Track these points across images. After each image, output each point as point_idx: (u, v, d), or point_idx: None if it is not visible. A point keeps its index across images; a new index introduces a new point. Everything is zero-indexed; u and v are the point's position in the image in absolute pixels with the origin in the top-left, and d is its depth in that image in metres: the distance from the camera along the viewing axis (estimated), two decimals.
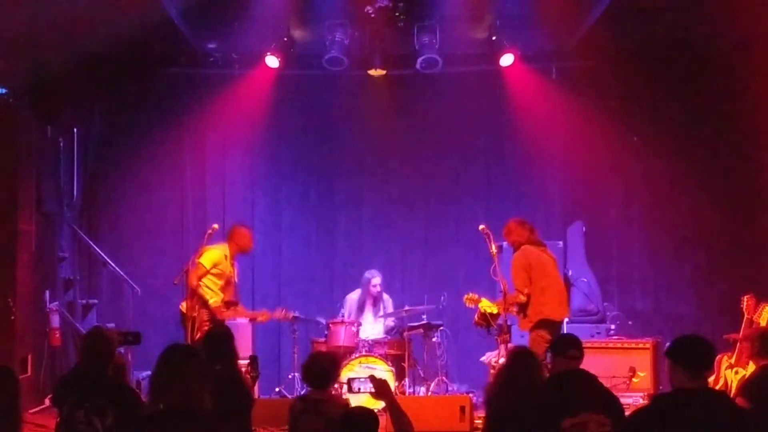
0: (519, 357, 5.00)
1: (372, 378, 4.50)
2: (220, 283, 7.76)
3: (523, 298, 7.31)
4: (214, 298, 7.67)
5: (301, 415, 4.91)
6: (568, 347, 4.91)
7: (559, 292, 7.50)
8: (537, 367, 4.90)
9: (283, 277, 10.18)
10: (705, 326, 9.14)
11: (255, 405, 5.32)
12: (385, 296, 9.16)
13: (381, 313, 9.00)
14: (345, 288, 9.46)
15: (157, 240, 10.03)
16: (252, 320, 8.44)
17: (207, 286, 7.68)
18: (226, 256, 7.87)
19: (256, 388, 6.47)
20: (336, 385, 7.90)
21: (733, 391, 6.78)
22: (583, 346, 8.12)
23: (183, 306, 7.77)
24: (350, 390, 5.82)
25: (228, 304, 7.86)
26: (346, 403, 5.05)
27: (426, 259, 10.25)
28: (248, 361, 5.72)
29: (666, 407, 3.67)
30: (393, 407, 4.40)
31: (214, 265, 7.75)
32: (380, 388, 4.52)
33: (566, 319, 7.84)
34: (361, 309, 8.97)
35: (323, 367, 5.06)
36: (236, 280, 8.03)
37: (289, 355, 9.03)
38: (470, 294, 7.69)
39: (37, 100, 8.75)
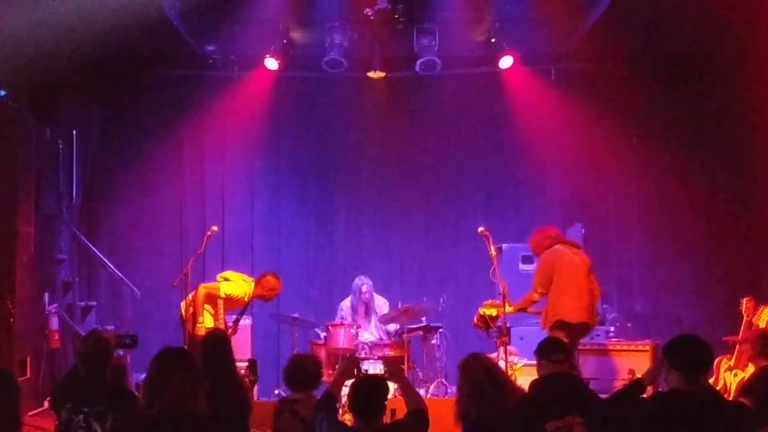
0: (470, 363, 4.59)
1: (384, 359, 4.48)
2: (214, 312, 7.76)
3: (536, 297, 7.36)
4: (201, 324, 7.60)
5: (279, 416, 4.91)
6: (551, 351, 4.87)
7: (578, 296, 7.32)
8: (492, 367, 4.62)
9: (281, 278, 10.14)
10: (704, 328, 9.10)
11: (254, 408, 5.29)
12: (382, 300, 9.09)
13: (373, 318, 8.95)
14: (344, 289, 9.43)
15: (157, 242, 10.03)
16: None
17: (206, 310, 7.67)
18: (246, 296, 7.91)
19: (255, 391, 6.45)
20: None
21: (732, 393, 6.78)
22: (583, 348, 8.13)
23: (183, 307, 7.77)
24: (360, 373, 5.80)
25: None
26: None
27: (425, 261, 10.24)
28: (247, 364, 5.70)
29: (657, 409, 3.61)
30: (405, 387, 4.40)
31: (227, 299, 7.78)
32: (392, 369, 4.50)
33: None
34: (354, 316, 8.93)
35: (309, 372, 4.99)
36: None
37: (288, 357, 8.98)
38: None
39: (37, 102, 8.76)
